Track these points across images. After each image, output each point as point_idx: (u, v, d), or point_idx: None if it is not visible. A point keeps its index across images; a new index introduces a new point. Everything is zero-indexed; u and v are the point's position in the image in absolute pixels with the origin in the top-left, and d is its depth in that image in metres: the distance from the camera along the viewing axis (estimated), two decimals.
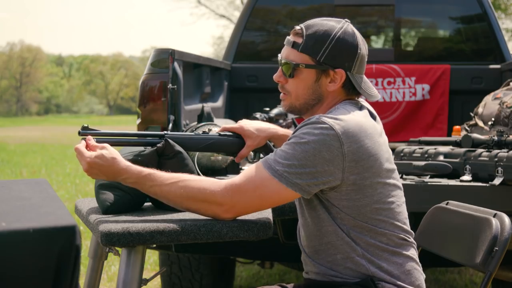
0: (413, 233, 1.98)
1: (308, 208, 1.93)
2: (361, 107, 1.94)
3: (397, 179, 1.94)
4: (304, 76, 1.93)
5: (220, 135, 2.18)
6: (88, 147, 1.94)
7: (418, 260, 1.97)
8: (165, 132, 2.08)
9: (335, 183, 1.82)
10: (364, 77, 1.98)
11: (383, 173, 1.87)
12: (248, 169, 1.86)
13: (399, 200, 1.94)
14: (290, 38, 1.96)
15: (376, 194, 1.87)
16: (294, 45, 1.93)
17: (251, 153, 2.28)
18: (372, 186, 1.86)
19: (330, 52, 1.89)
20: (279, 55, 2.01)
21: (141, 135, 2.09)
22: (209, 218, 1.88)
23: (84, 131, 1.96)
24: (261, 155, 2.26)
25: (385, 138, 1.94)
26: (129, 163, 1.90)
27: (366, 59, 1.96)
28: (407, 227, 1.95)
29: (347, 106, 1.91)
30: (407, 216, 1.97)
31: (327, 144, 1.78)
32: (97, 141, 1.94)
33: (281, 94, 2.01)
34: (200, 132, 2.17)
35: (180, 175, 1.89)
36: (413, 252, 1.95)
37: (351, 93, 1.96)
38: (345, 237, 1.88)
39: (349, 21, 1.96)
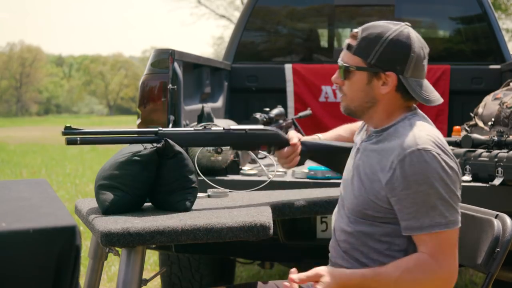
0: None
1: (365, 211, 1.89)
2: (426, 119, 1.94)
3: None
4: (356, 78, 1.91)
5: (224, 129, 2.15)
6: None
7: None
8: (159, 128, 2.06)
9: None
10: (424, 81, 1.94)
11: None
12: (426, 244, 1.80)
13: None
14: (347, 40, 1.96)
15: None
16: (349, 47, 1.93)
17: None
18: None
19: (381, 55, 1.87)
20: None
21: (132, 132, 2.05)
22: (213, 217, 1.88)
23: (68, 131, 1.96)
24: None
25: None
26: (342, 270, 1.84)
27: (424, 63, 1.93)
28: None
29: (415, 119, 1.90)
30: None
31: (442, 168, 1.79)
32: (81, 141, 1.94)
33: (340, 96, 1.99)
34: (200, 127, 2.16)
35: (395, 266, 1.81)
36: None
37: (406, 97, 1.92)
38: (394, 249, 1.88)
39: (409, 25, 1.92)
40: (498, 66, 4.53)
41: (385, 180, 1.82)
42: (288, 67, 4.69)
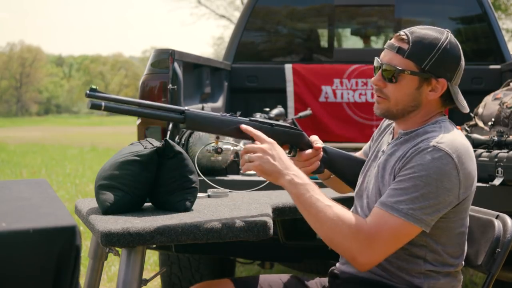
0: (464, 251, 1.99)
1: None
2: (454, 125, 1.95)
3: None
4: (406, 82, 1.90)
5: (250, 120, 2.02)
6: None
7: (461, 274, 1.98)
8: (186, 108, 1.94)
9: (447, 210, 1.83)
10: (458, 88, 1.96)
11: (472, 195, 1.91)
12: (374, 217, 1.82)
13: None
14: (393, 43, 1.93)
15: (465, 217, 1.92)
16: (399, 50, 1.90)
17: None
18: (466, 210, 1.90)
19: (436, 61, 1.88)
20: (376, 58, 1.98)
21: (160, 107, 1.92)
22: (213, 218, 1.88)
23: (93, 93, 1.79)
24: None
25: None
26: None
27: (462, 72, 1.95)
28: (465, 246, 1.98)
29: (446, 124, 1.92)
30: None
31: (447, 174, 1.78)
32: (105, 107, 1.80)
33: (377, 97, 1.96)
34: (228, 115, 2.01)
35: (335, 203, 1.85)
36: (461, 277, 1.98)
37: (447, 103, 1.95)
38: (416, 253, 1.89)
39: (450, 31, 1.96)
40: (498, 66, 4.53)
41: (397, 169, 1.86)
42: (288, 67, 4.69)
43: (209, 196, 2.34)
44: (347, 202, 2.17)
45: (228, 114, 2.00)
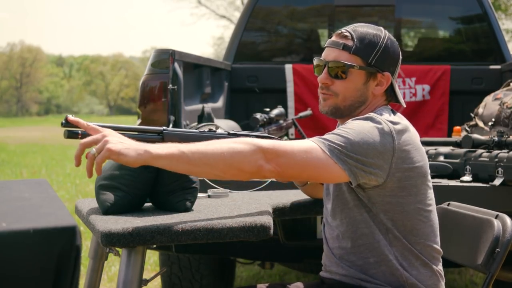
0: (441, 251, 1.99)
1: (343, 209, 1.94)
2: (395, 113, 1.97)
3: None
4: (354, 77, 1.94)
5: (229, 134, 2.03)
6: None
7: (443, 276, 1.98)
8: (164, 128, 1.94)
9: (380, 179, 1.83)
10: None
11: (426, 176, 1.92)
12: (293, 141, 1.82)
13: (435, 208, 1.97)
14: (337, 40, 1.97)
15: (420, 194, 1.90)
16: (345, 47, 1.94)
17: None
18: (417, 186, 1.89)
19: (380, 56, 1.94)
20: (318, 58, 2.01)
21: (137, 129, 1.90)
22: (213, 218, 1.88)
23: (67, 122, 1.78)
24: None
25: None
26: None
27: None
28: (438, 240, 1.97)
29: (387, 110, 1.95)
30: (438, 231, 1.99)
31: (381, 137, 1.81)
32: (82, 135, 1.76)
33: (323, 95, 1.99)
34: (206, 130, 2.05)
35: (219, 140, 1.77)
36: (440, 268, 1.97)
37: (390, 98, 2.00)
38: (382, 240, 1.89)
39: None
40: (498, 66, 4.53)
41: None
42: (288, 67, 4.69)
43: (209, 196, 2.34)
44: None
45: (206, 130, 2.02)
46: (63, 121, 1.81)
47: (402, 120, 1.91)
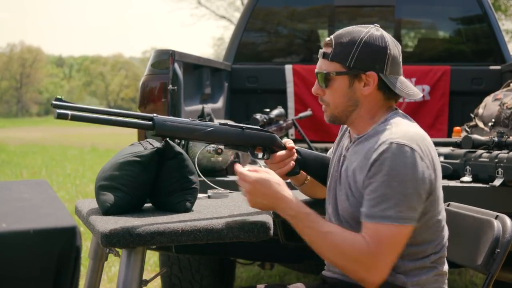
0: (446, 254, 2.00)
1: (358, 223, 1.89)
2: (408, 118, 1.95)
3: None
4: (337, 84, 1.93)
5: (220, 124, 2.02)
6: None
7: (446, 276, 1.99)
8: (154, 114, 1.92)
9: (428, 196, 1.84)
10: (401, 77, 1.96)
11: (440, 184, 1.91)
12: (368, 232, 1.81)
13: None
14: (322, 49, 1.97)
15: (439, 204, 1.91)
16: (325, 55, 1.94)
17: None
18: (439, 198, 1.89)
19: (359, 56, 1.89)
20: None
21: (128, 115, 1.89)
22: (213, 218, 1.89)
23: (58, 103, 1.77)
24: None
25: None
26: (292, 194, 1.86)
27: (399, 60, 1.95)
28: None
29: (396, 119, 1.91)
30: None
31: (414, 164, 1.78)
32: (72, 117, 1.75)
33: (323, 107, 2.00)
34: (197, 120, 2.01)
35: (334, 226, 1.86)
36: (446, 268, 1.98)
37: (388, 94, 1.94)
38: None
39: (378, 25, 1.97)
40: (498, 67, 4.53)
41: (363, 176, 1.86)
42: (289, 68, 4.69)
43: (209, 196, 2.34)
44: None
45: (197, 119, 2.00)
46: (54, 102, 1.77)
47: (412, 127, 1.88)
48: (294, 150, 2.15)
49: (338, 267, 1.86)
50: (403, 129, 1.85)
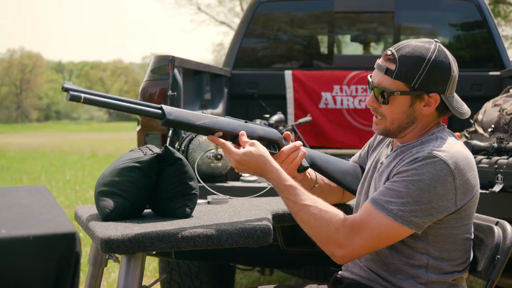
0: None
1: None
2: (454, 135, 1.95)
3: None
4: (398, 102, 1.90)
5: (225, 116, 2.03)
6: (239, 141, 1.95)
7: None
8: (162, 105, 1.92)
9: (446, 215, 1.83)
10: (455, 95, 1.96)
11: (477, 202, 1.91)
12: (364, 211, 1.85)
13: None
14: (381, 63, 1.92)
15: (470, 222, 1.91)
16: (388, 71, 1.89)
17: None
18: (469, 216, 1.89)
19: (425, 78, 1.86)
20: (369, 76, 1.97)
21: (137, 103, 1.89)
22: (212, 224, 1.88)
23: (69, 87, 1.78)
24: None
25: None
26: (277, 165, 1.92)
27: (457, 79, 1.93)
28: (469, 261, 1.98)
29: (444, 134, 1.92)
30: None
31: (441, 179, 1.78)
32: (85, 100, 1.78)
33: (375, 118, 1.98)
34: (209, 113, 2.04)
35: (315, 200, 1.89)
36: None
37: (443, 113, 1.95)
38: (415, 263, 1.89)
39: (439, 41, 1.93)
40: (498, 73, 4.54)
41: (391, 175, 1.87)
42: (288, 74, 4.70)
43: (209, 202, 2.34)
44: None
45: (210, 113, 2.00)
46: (64, 86, 1.79)
47: (456, 145, 1.87)
48: (301, 145, 2.13)
49: (314, 239, 1.89)
50: (447, 145, 1.85)
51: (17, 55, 64.20)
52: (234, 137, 2.01)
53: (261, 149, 1.92)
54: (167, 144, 2.59)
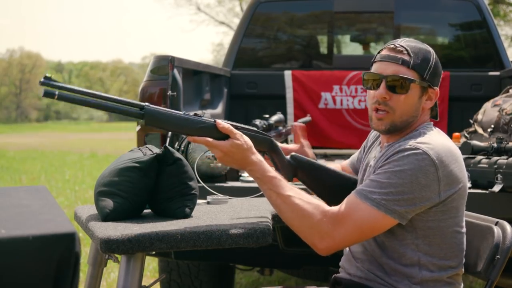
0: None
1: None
2: (438, 130, 1.97)
3: None
4: (412, 92, 1.93)
5: (215, 121, 1.93)
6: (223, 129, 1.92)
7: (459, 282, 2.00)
8: (147, 104, 1.89)
9: (429, 206, 1.84)
10: None
11: (465, 195, 1.92)
12: (346, 202, 1.86)
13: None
14: (393, 54, 1.93)
15: (458, 216, 1.91)
16: (404, 62, 1.91)
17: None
18: (457, 208, 1.90)
19: (433, 71, 1.94)
20: (367, 73, 1.97)
21: (120, 101, 1.84)
22: (212, 224, 1.89)
23: (47, 81, 1.73)
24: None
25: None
26: (261, 158, 1.93)
27: None
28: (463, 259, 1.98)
29: (428, 129, 1.94)
30: None
31: (423, 170, 1.80)
32: (59, 96, 1.73)
33: (380, 113, 1.95)
34: (192, 114, 1.95)
35: (298, 191, 1.90)
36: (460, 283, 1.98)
37: (432, 113, 2.01)
38: (408, 265, 1.90)
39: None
40: (497, 73, 4.54)
41: (376, 169, 1.89)
42: (288, 74, 4.70)
43: (208, 202, 2.34)
44: None
45: (191, 113, 1.95)
46: (42, 80, 1.73)
47: (440, 138, 1.90)
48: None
49: (296, 231, 1.89)
50: (430, 138, 1.87)
51: (16, 55, 64.21)
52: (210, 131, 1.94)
53: (248, 141, 1.93)
54: (167, 144, 2.59)
